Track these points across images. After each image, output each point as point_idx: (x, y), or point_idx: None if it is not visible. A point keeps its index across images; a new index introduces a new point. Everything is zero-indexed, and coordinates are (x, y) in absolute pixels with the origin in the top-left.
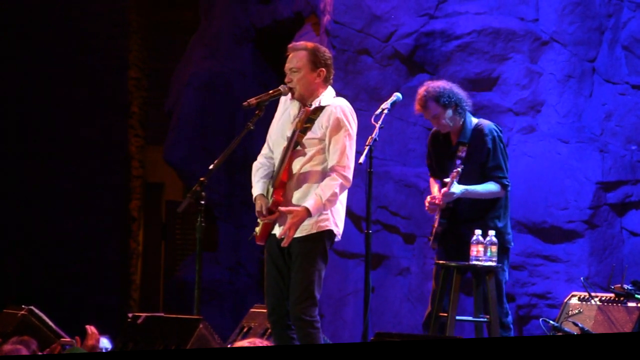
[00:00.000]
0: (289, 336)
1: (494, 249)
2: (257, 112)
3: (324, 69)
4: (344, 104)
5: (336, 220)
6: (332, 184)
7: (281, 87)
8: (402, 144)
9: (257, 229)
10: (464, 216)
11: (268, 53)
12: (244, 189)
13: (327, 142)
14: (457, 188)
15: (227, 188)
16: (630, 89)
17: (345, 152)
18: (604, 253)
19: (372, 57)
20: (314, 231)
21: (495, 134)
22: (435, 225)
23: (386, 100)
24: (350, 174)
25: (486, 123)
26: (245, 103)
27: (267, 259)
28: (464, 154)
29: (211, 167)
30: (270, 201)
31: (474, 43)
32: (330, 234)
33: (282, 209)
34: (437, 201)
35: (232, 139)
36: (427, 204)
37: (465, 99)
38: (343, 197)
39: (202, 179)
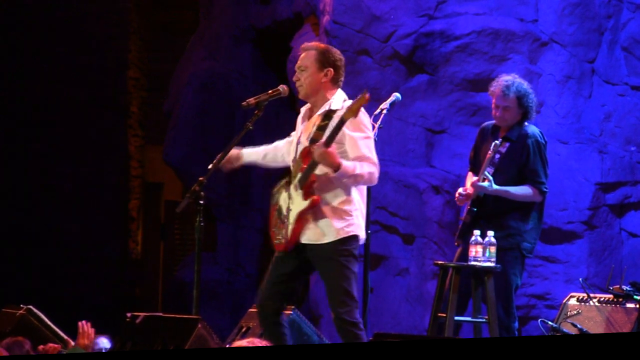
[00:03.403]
0: (280, 332)
1: (493, 249)
2: (256, 112)
3: (331, 69)
4: None
5: (358, 223)
6: (368, 168)
7: (280, 88)
8: (402, 145)
9: (282, 235)
10: (491, 208)
11: (267, 53)
12: (243, 189)
13: (349, 146)
14: (487, 183)
15: (226, 188)
16: (629, 90)
17: (372, 153)
18: (602, 254)
19: (371, 57)
20: (342, 236)
21: (539, 139)
22: (463, 216)
23: (385, 101)
24: (378, 173)
25: (532, 127)
26: (244, 103)
27: (281, 257)
28: (504, 150)
29: (210, 167)
30: (304, 203)
31: (473, 44)
32: (356, 238)
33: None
34: (467, 192)
35: (231, 139)
36: (457, 196)
37: (534, 111)
38: (363, 198)
39: (201, 179)
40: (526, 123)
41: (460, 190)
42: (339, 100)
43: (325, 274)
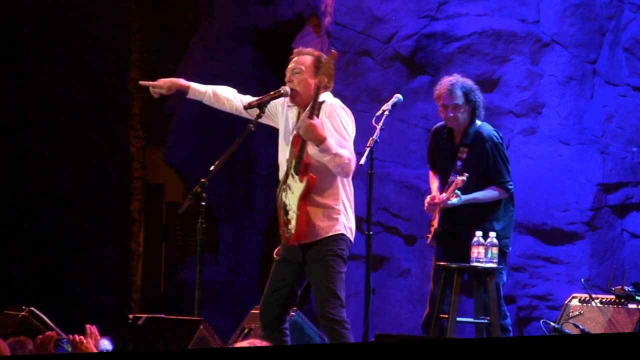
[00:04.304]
0: (280, 339)
1: (495, 250)
2: (257, 113)
3: (325, 77)
4: (336, 102)
5: (349, 225)
6: (348, 154)
7: (282, 89)
8: (403, 146)
9: (291, 226)
10: (462, 217)
11: (269, 54)
12: (245, 190)
13: (328, 136)
14: (456, 198)
15: (228, 189)
16: (631, 91)
17: (350, 145)
18: (604, 255)
19: (372, 58)
20: (325, 235)
21: (496, 139)
22: (435, 224)
23: (387, 102)
24: (353, 165)
25: (486, 128)
26: (245, 104)
27: (280, 262)
28: (464, 156)
29: (212, 168)
30: (302, 185)
31: (474, 45)
32: (342, 236)
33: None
34: (436, 201)
35: (232, 140)
36: (426, 204)
37: (482, 107)
38: (350, 199)
39: (202, 180)
40: (478, 123)
41: (428, 199)
42: (324, 96)
43: (311, 274)
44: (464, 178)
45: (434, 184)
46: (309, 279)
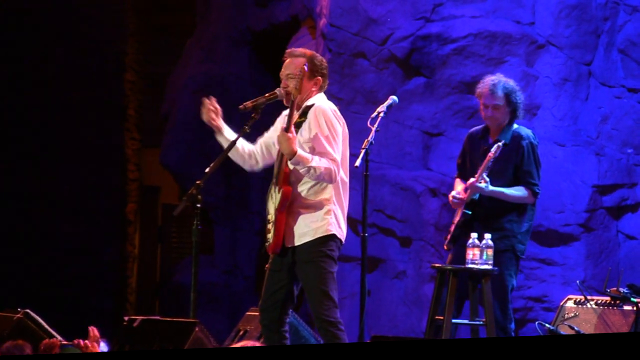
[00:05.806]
0: (279, 342)
1: (490, 252)
2: (253, 115)
3: (320, 78)
4: (325, 105)
5: (339, 224)
6: (326, 163)
7: (277, 91)
8: (398, 147)
9: (269, 236)
10: (484, 212)
11: (265, 56)
12: (240, 192)
13: (312, 142)
14: (484, 184)
15: (224, 191)
16: (626, 92)
17: (334, 150)
18: (600, 256)
19: (368, 60)
20: (315, 236)
21: (533, 140)
22: (456, 220)
23: (382, 104)
24: (338, 172)
25: (525, 129)
26: (241, 106)
27: (274, 265)
28: (498, 153)
29: (207, 170)
30: (279, 196)
31: (470, 46)
32: (333, 237)
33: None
34: (462, 195)
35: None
36: (450, 198)
37: (522, 109)
38: (344, 200)
39: (198, 182)
40: (516, 125)
41: (454, 193)
42: (315, 99)
43: (303, 276)
44: (500, 144)
45: (458, 187)
46: (300, 281)
